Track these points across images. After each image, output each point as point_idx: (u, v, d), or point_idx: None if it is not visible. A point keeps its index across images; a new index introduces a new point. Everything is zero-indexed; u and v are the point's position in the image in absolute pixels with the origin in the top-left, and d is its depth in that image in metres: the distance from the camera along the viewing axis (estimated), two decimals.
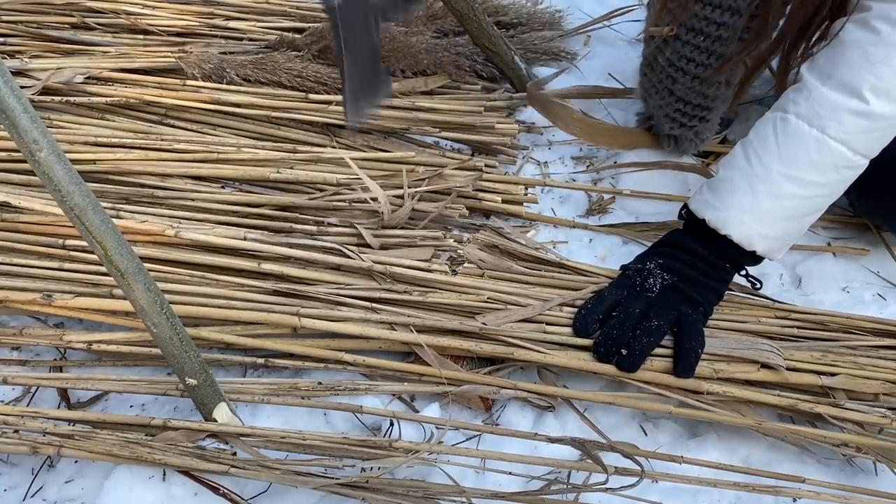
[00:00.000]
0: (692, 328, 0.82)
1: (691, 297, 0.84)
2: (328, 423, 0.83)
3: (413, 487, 0.72)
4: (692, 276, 0.86)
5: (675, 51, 1.02)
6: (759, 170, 0.82)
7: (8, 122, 0.52)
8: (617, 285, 0.87)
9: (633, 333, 0.82)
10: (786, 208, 0.83)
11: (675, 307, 0.83)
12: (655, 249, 0.90)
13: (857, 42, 0.77)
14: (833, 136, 0.78)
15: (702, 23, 0.97)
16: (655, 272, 0.86)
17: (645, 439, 0.83)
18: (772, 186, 0.81)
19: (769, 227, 0.84)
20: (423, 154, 1.09)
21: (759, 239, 0.84)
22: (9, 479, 0.78)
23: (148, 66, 1.18)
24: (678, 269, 0.86)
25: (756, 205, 0.82)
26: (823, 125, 0.78)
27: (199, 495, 0.74)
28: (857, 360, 0.86)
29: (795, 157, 0.80)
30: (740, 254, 0.86)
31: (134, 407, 0.84)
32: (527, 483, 0.76)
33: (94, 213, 0.58)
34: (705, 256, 0.86)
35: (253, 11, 1.34)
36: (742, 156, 0.84)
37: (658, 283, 0.85)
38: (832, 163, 0.80)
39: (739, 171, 0.84)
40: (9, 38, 1.23)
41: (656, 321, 0.82)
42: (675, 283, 0.85)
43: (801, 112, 0.80)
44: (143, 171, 1.02)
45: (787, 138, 0.81)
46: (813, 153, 0.79)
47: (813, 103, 0.79)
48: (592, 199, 1.13)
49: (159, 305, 0.65)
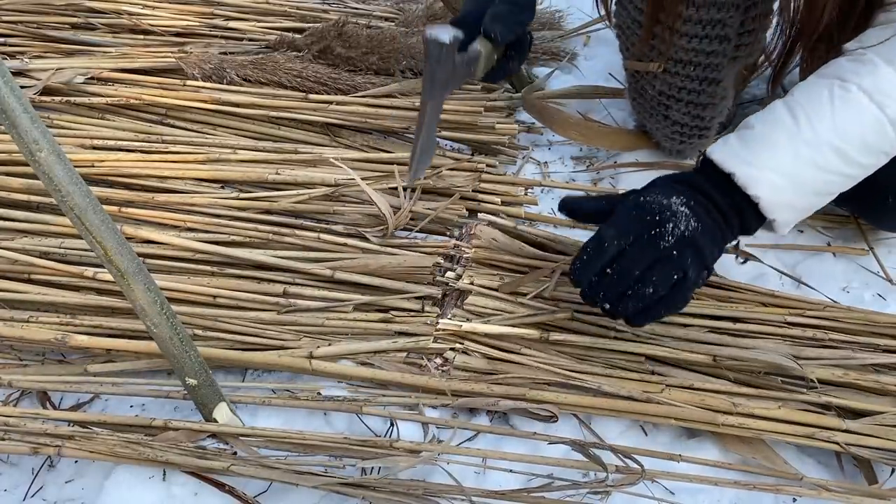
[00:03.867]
0: (680, 295, 0.74)
1: (704, 257, 0.74)
2: (328, 424, 0.82)
3: (414, 487, 0.72)
4: (713, 230, 0.75)
5: (666, 82, 0.99)
6: (807, 132, 0.73)
7: (8, 123, 0.52)
8: (624, 226, 0.74)
9: (627, 291, 0.74)
10: (824, 182, 0.75)
11: (682, 266, 0.73)
12: (673, 185, 0.76)
13: None
14: (892, 119, 0.73)
15: (690, 54, 0.94)
16: (679, 213, 0.73)
17: (645, 439, 0.83)
18: (816, 154, 0.73)
19: (800, 197, 0.75)
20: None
21: (785, 208, 0.75)
22: (9, 479, 0.78)
23: (148, 67, 1.18)
24: (703, 216, 0.74)
25: (797, 169, 0.74)
26: (885, 104, 0.73)
27: (199, 495, 0.74)
28: (879, 379, 0.84)
29: (849, 130, 0.73)
30: (755, 220, 0.77)
31: (134, 407, 0.84)
32: (528, 482, 0.76)
33: (94, 213, 0.58)
34: (726, 211, 0.76)
35: (253, 11, 1.34)
36: (787, 113, 0.75)
37: (678, 230, 0.73)
38: (882, 146, 0.75)
39: (784, 128, 0.74)
40: (9, 39, 1.23)
41: (652, 287, 0.73)
42: (695, 234, 0.73)
43: (864, 84, 0.73)
44: (143, 174, 1.03)
45: (846, 107, 0.73)
46: (869, 131, 0.73)
47: (878, 80, 0.73)
48: None
49: (159, 305, 0.65)
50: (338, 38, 1.23)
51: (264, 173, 1.03)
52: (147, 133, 1.11)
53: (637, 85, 1.07)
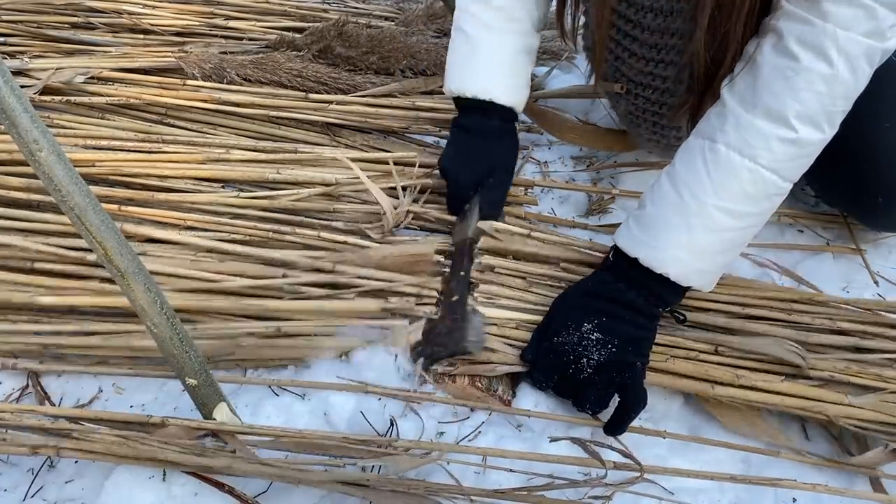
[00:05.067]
0: (633, 393, 0.79)
1: (628, 363, 0.80)
2: (328, 423, 0.83)
3: (414, 486, 0.72)
4: (631, 333, 0.81)
5: (630, 102, 1.02)
6: (692, 204, 0.78)
7: (8, 122, 0.52)
8: (546, 371, 0.82)
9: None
10: (723, 241, 0.80)
11: (611, 383, 0.80)
12: (584, 306, 0.83)
13: (778, 68, 0.74)
14: (765, 166, 0.75)
15: (647, 77, 0.97)
16: (591, 343, 0.80)
17: (646, 439, 0.83)
18: (707, 220, 0.78)
19: (706, 262, 0.81)
20: (424, 154, 1.09)
21: (695, 274, 0.81)
22: (9, 479, 0.78)
23: (148, 66, 1.18)
24: (617, 327, 0.81)
25: (693, 241, 0.79)
26: (755, 155, 0.75)
27: (199, 495, 0.74)
28: (882, 374, 0.84)
29: (729, 189, 0.77)
30: (673, 291, 0.82)
31: (134, 407, 0.84)
32: (528, 481, 0.76)
33: (94, 213, 0.58)
34: (642, 307, 0.82)
35: (253, 11, 1.34)
36: (672, 190, 0.80)
37: (593, 360, 0.80)
38: (765, 192, 0.77)
39: (672, 206, 0.79)
40: (9, 38, 1.23)
41: (590, 408, 0.81)
42: (611, 355, 0.80)
43: (731, 141, 0.76)
44: (143, 173, 1.03)
45: (719, 169, 0.77)
46: (747, 184, 0.76)
47: (742, 132, 0.76)
48: (592, 200, 1.13)
49: (159, 305, 0.65)
50: (338, 38, 1.23)
51: (264, 172, 1.03)
52: (147, 133, 1.11)
53: (611, 101, 1.10)
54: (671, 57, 0.92)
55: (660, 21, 0.90)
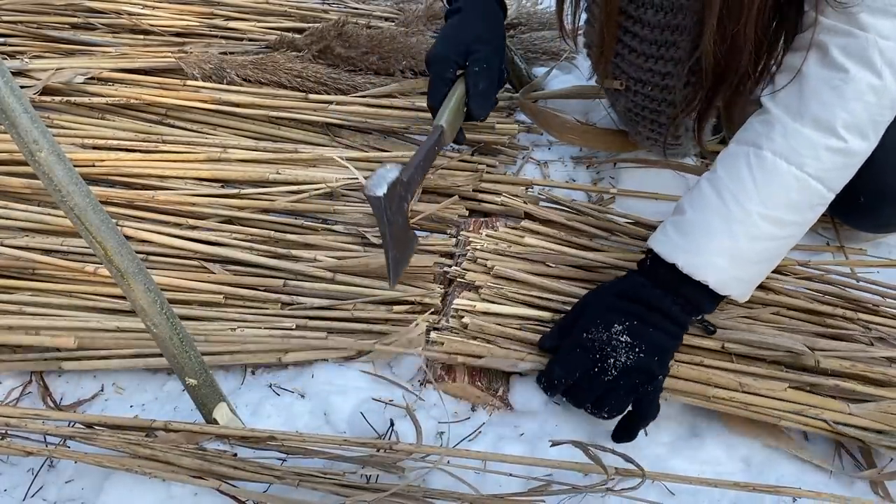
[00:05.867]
0: (647, 407, 0.79)
1: (651, 373, 0.78)
2: (328, 424, 0.82)
3: (413, 489, 0.72)
4: (659, 343, 0.79)
5: (629, 99, 1.02)
6: (736, 210, 0.77)
7: (8, 123, 0.52)
8: (569, 365, 0.80)
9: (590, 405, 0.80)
10: (763, 250, 0.79)
11: (633, 390, 0.78)
12: (616, 307, 0.81)
13: (825, 79, 0.74)
14: (812, 174, 0.75)
15: (646, 74, 0.96)
16: (620, 345, 0.78)
17: (646, 439, 0.83)
18: (750, 227, 0.77)
19: (746, 270, 0.79)
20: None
21: (734, 282, 0.79)
22: (9, 479, 0.78)
23: (148, 67, 1.18)
24: (647, 334, 0.79)
25: (735, 248, 0.77)
26: (802, 163, 0.75)
27: (199, 495, 0.74)
28: (886, 371, 0.84)
29: (774, 196, 0.76)
30: (710, 299, 0.81)
31: (134, 407, 0.84)
32: (527, 484, 0.76)
33: (94, 213, 0.58)
34: (677, 316, 0.80)
35: (253, 11, 1.34)
36: (714, 195, 0.78)
37: (619, 362, 0.78)
38: (809, 201, 0.77)
39: (714, 212, 0.78)
40: (9, 38, 1.23)
41: (607, 413, 0.79)
42: (638, 360, 0.78)
43: (778, 149, 0.76)
44: (143, 173, 1.03)
45: (765, 176, 0.76)
46: (793, 192, 0.76)
47: (790, 140, 0.75)
48: (592, 199, 1.13)
49: (159, 305, 0.65)
50: (338, 38, 1.23)
51: (265, 173, 1.03)
52: (147, 133, 1.11)
53: (610, 98, 1.09)
54: (671, 54, 0.92)
55: (660, 17, 0.90)
